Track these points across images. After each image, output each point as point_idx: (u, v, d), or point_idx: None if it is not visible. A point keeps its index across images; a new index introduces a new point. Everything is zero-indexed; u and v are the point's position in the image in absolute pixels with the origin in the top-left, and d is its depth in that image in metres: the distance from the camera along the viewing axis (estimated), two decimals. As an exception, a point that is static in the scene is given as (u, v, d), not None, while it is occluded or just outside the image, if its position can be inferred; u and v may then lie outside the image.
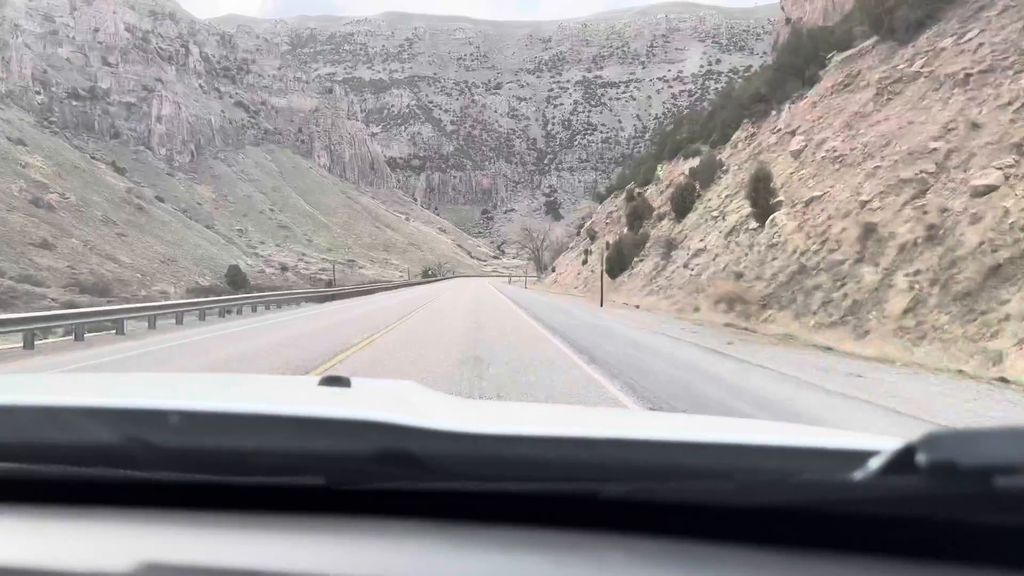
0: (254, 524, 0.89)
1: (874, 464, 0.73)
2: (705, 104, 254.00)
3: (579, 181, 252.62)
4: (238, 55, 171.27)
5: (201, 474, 0.94)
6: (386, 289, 61.90)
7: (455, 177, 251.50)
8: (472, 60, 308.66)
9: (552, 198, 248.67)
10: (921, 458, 0.68)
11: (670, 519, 0.84)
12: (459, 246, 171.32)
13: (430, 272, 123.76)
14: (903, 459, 0.70)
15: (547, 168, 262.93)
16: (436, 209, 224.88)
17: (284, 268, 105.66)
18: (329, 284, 69.82)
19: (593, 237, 47.95)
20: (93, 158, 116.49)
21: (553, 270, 63.96)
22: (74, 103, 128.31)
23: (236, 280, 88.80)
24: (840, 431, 1.38)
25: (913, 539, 0.76)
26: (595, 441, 0.99)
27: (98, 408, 1.05)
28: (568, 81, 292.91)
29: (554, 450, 0.96)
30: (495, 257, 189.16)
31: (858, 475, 0.73)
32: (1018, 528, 0.70)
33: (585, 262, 46.05)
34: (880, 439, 1.02)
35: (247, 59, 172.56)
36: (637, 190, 41.04)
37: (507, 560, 0.81)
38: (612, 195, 52.25)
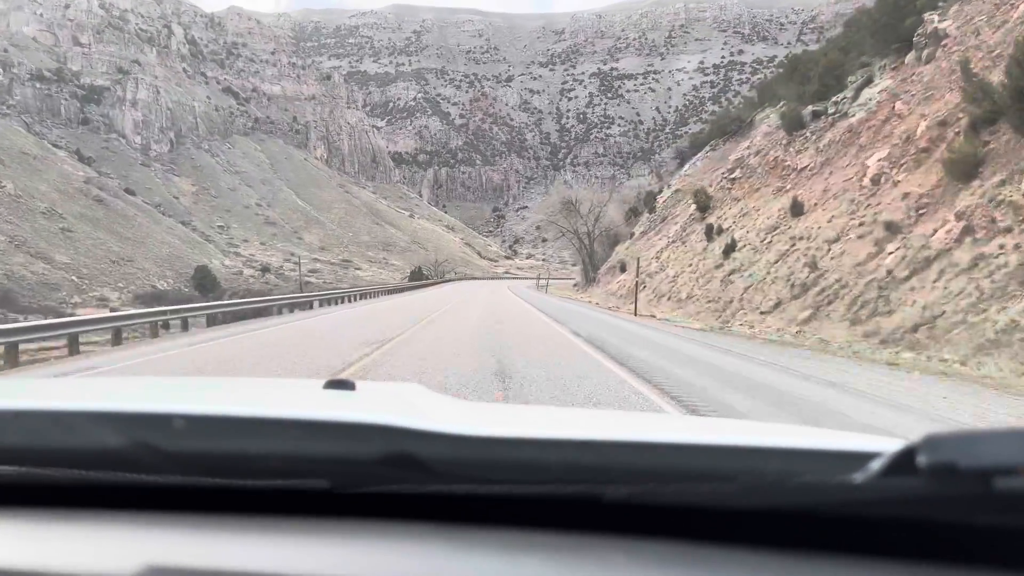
0: (258, 527, 0.89)
1: (875, 466, 0.73)
2: (730, 96, 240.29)
3: (595, 176, 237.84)
4: (228, 38, 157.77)
5: (206, 477, 0.94)
6: (314, 301, 32.63)
7: (464, 173, 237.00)
8: (482, 53, 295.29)
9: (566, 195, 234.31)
10: (922, 460, 0.68)
11: (672, 521, 0.84)
12: (468, 245, 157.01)
13: (416, 272, 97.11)
14: (904, 461, 0.70)
15: (561, 163, 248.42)
16: (444, 206, 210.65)
17: (265, 269, 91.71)
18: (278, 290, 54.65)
19: (705, 208, 30.78)
20: (56, 145, 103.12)
21: (622, 269, 39.10)
22: (38, 85, 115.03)
23: (204, 283, 75.02)
24: (841, 432, 1.44)
25: (914, 540, 0.76)
26: (597, 444, 0.99)
27: (104, 412, 1.06)
28: (583, 73, 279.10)
29: (557, 453, 0.96)
30: (507, 257, 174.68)
31: (859, 477, 0.74)
32: (1018, 529, 0.70)
33: (734, 247, 25.31)
34: (881, 440, 1.02)
35: (238, 43, 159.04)
36: (812, 107, 24.81)
37: (510, 563, 0.81)
38: (709, 146, 37.09)
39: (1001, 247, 13.36)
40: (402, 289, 63.84)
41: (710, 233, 29.04)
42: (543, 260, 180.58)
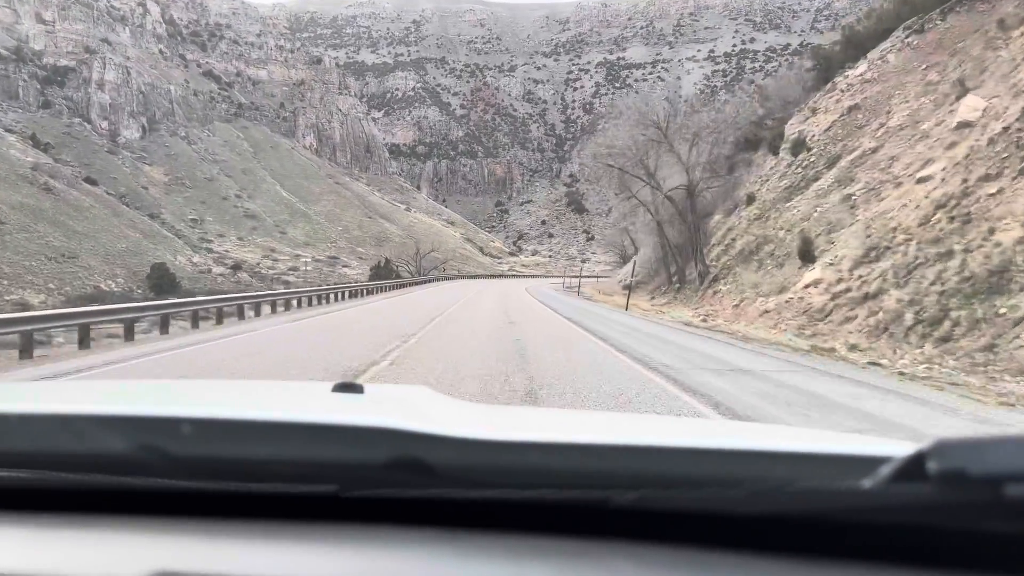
0: (266, 532, 0.89)
1: (884, 471, 0.72)
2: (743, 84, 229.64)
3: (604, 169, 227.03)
4: (210, 19, 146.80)
5: (214, 482, 0.94)
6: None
7: (465, 165, 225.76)
8: (484, 43, 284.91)
9: (574, 188, 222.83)
10: (932, 466, 0.67)
11: (679, 527, 0.83)
12: (469, 240, 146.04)
13: (381, 268, 70.31)
14: (913, 467, 0.69)
15: (567, 155, 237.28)
16: (444, 201, 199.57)
17: (237, 267, 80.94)
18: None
19: None
20: (9, 130, 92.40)
21: (806, 257, 19.29)
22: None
23: (162, 283, 64.81)
24: (848, 435, 1.33)
25: (922, 547, 0.75)
26: (604, 448, 0.98)
27: (112, 416, 1.05)
28: (589, 63, 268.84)
29: (563, 458, 0.95)
30: (511, 254, 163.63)
31: (868, 482, 0.73)
32: None
33: None
34: (890, 445, 1.00)
35: (221, 24, 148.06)
36: None
37: (517, 568, 0.80)
38: (904, 29, 24.51)
39: None
40: (348, 291, 38.41)
41: None
42: (550, 256, 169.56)
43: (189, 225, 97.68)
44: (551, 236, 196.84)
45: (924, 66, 22.84)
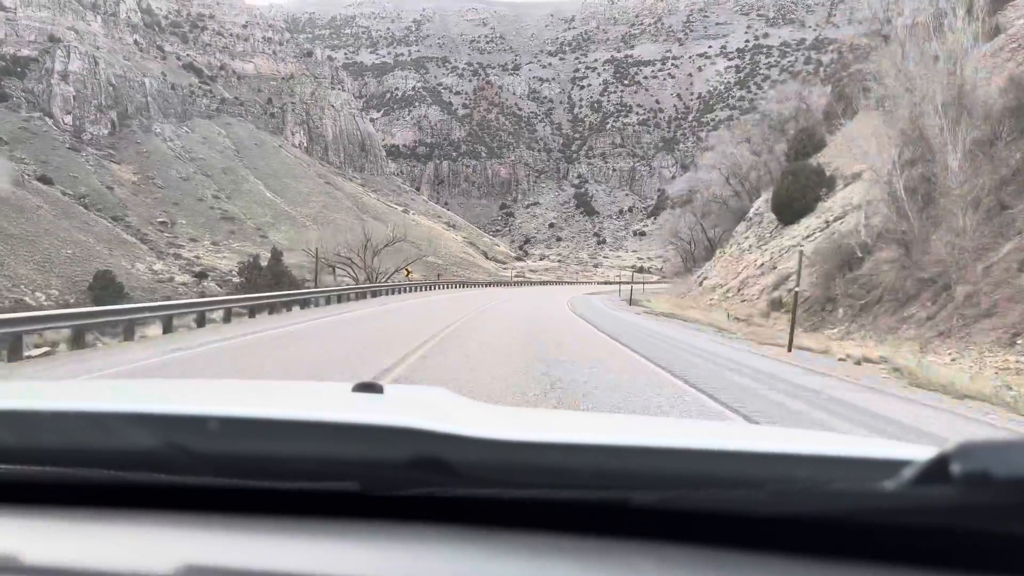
0: (290, 528, 0.90)
1: (907, 474, 0.72)
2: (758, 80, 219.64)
3: (613, 169, 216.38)
4: (192, 8, 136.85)
5: (239, 479, 0.95)
6: None
7: (468, 167, 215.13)
8: (487, 43, 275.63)
9: (582, 189, 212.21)
10: (955, 468, 0.67)
11: (701, 527, 0.83)
12: (471, 244, 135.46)
13: (263, 269, 46.22)
14: (936, 469, 0.69)
15: (575, 155, 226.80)
16: (446, 203, 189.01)
17: (202, 274, 70.45)
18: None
19: None
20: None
21: None
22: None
23: (105, 294, 54.66)
24: (871, 439, 1.20)
25: (945, 549, 0.75)
26: (625, 449, 0.99)
27: (140, 414, 1.07)
28: (596, 61, 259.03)
29: (584, 458, 0.95)
30: (518, 259, 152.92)
31: (890, 485, 0.72)
32: None
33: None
34: (913, 448, 1.00)
35: (204, 14, 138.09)
36: None
37: (537, 567, 0.81)
38: None
39: None
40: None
41: None
42: (559, 261, 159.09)
43: (157, 229, 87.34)
44: (559, 240, 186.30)
45: None
